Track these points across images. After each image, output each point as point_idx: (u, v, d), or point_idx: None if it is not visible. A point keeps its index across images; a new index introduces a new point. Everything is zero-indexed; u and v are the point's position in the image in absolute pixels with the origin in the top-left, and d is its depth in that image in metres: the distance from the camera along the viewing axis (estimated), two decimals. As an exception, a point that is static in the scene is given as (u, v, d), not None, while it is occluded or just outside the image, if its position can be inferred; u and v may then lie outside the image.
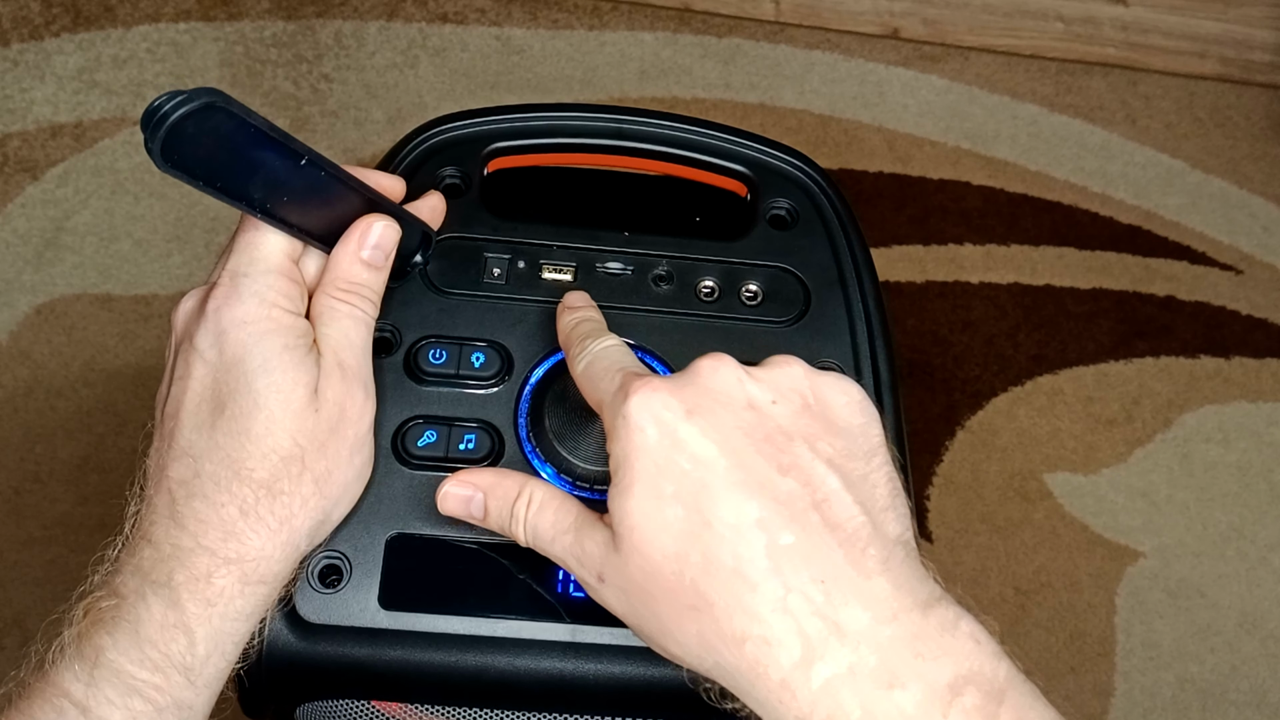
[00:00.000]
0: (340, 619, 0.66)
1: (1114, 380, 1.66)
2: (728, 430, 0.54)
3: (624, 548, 0.55)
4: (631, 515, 0.54)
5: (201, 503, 0.59)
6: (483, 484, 0.62)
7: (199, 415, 0.61)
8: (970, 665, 0.51)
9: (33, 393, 1.53)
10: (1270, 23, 1.88)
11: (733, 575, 0.52)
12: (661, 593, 0.54)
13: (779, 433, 0.55)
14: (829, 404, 0.57)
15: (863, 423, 0.57)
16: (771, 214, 0.79)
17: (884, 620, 0.51)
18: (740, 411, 0.55)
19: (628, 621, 0.57)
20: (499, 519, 0.62)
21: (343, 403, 0.63)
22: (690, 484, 0.54)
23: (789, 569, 0.52)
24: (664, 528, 0.54)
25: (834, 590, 0.52)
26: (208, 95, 0.53)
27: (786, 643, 0.51)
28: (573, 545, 0.58)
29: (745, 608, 0.52)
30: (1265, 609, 1.53)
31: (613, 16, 1.85)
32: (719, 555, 0.52)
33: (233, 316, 0.61)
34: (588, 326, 0.66)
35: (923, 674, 0.50)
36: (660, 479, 0.54)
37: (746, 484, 0.53)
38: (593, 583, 0.58)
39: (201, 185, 0.56)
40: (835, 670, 0.51)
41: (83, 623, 0.58)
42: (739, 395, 0.56)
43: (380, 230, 0.66)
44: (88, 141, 1.69)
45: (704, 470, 0.54)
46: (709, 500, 0.53)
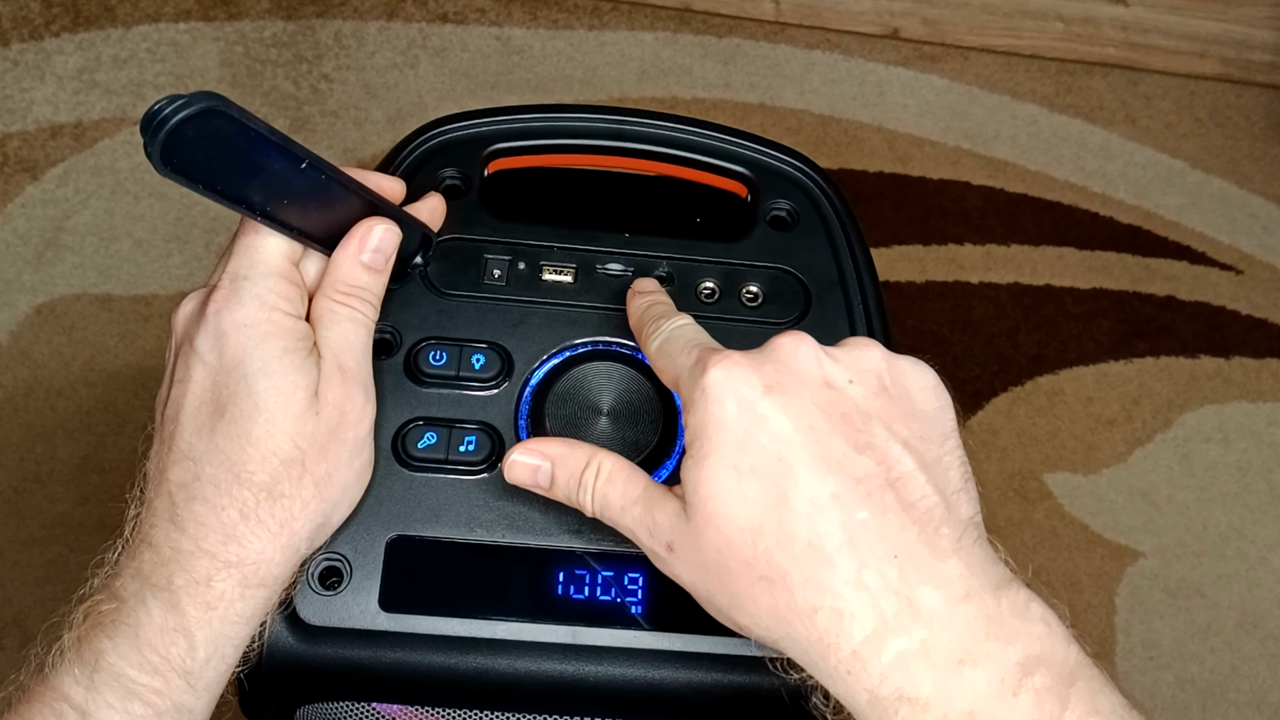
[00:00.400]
0: (340, 621, 0.66)
1: (1114, 380, 1.66)
2: (805, 407, 0.55)
3: (697, 518, 0.55)
4: (707, 485, 0.55)
5: (202, 506, 0.59)
6: (551, 453, 0.63)
7: (199, 418, 0.61)
8: (1042, 647, 0.52)
9: (33, 393, 1.53)
10: (1270, 23, 1.88)
11: (808, 549, 0.53)
12: (735, 564, 0.55)
13: (856, 412, 0.56)
14: (905, 387, 0.58)
15: (938, 406, 0.58)
16: (772, 215, 0.79)
17: (956, 599, 0.52)
18: (818, 390, 0.56)
19: (695, 592, 0.58)
20: (566, 489, 0.62)
21: (343, 406, 0.63)
22: (767, 458, 0.54)
23: (864, 544, 0.53)
24: (740, 500, 0.54)
25: (908, 567, 0.52)
26: (207, 99, 0.53)
27: (860, 616, 0.52)
28: (643, 515, 0.59)
29: (819, 581, 0.53)
30: (1265, 609, 1.53)
31: (613, 16, 1.85)
32: (795, 529, 0.53)
33: (233, 319, 0.61)
34: (660, 309, 0.67)
35: (994, 653, 0.51)
36: (738, 452, 0.55)
37: (823, 460, 0.54)
38: (661, 553, 0.58)
39: (201, 189, 0.56)
40: (908, 645, 0.51)
41: (82, 626, 0.58)
42: (817, 374, 0.57)
43: (380, 233, 0.66)
44: (88, 141, 1.69)
45: (781, 445, 0.54)
46: (786, 475, 0.54)
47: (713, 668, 0.66)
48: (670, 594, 0.63)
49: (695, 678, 0.66)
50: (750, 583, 0.54)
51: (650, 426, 0.70)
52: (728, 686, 0.66)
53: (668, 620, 0.67)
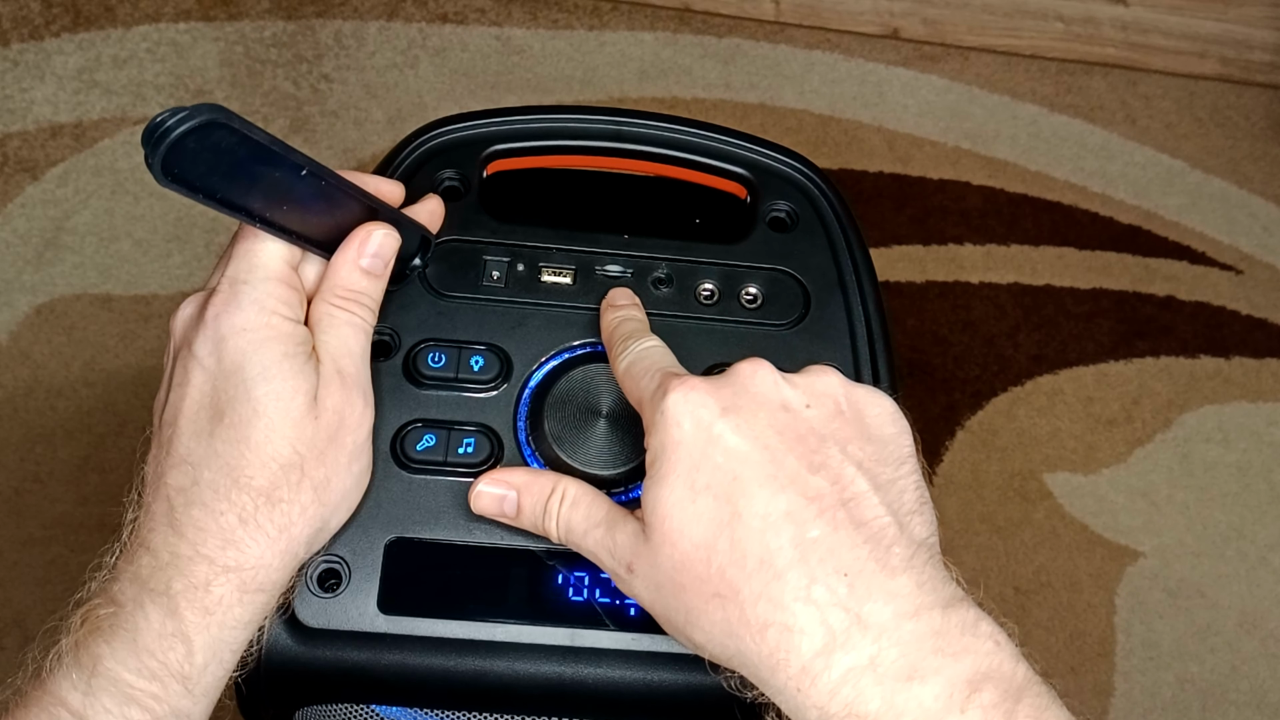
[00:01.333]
0: (339, 623, 0.66)
1: (1114, 380, 1.66)
2: (761, 428, 0.56)
3: (655, 537, 0.56)
4: (664, 504, 0.56)
5: (200, 510, 0.59)
6: (516, 482, 0.64)
7: (197, 423, 0.61)
8: (990, 664, 0.52)
9: (33, 393, 1.53)
10: (1270, 23, 1.88)
11: (759, 565, 0.53)
12: (689, 581, 0.55)
13: (811, 434, 0.57)
14: (862, 412, 0.59)
15: (894, 432, 0.59)
16: (771, 216, 0.79)
17: (906, 615, 0.52)
18: (775, 412, 0.57)
19: (654, 611, 0.59)
20: (532, 516, 0.64)
21: (342, 410, 0.63)
22: (722, 477, 0.55)
23: (814, 560, 0.53)
24: (695, 518, 0.55)
25: (858, 583, 0.53)
26: (209, 111, 0.53)
27: (809, 631, 0.52)
28: (604, 538, 0.60)
29: (770, 596, 0.53)
30: (1265, 609, 1.53)
31: (613, 16, 1.85)
32: (747, 545, 0.54)
33: (232, 324, 0.61)
34: (630, 326, 0.68)
35: (943, 669, 0.51)
36: (694, 472, 0.56)
37: (777, 479, 0.55)
38: (622, 574, 0.59)
39: (201, 198, 0.56)
40: (856, 661, 0.52)
41: (80, 631, 0.58)
42: (775, 397, 0.58)
43: (380, 239, 0.66)
44: (88, 141, 1.69)
45: (737, 464, 0.55)
46: (740, 492, 0.55)
47: (712, 670, 0.66)
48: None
49: (694, 680, 0.66)
50: (704, 599, 0.55)
51: (649, 428, 0.70)
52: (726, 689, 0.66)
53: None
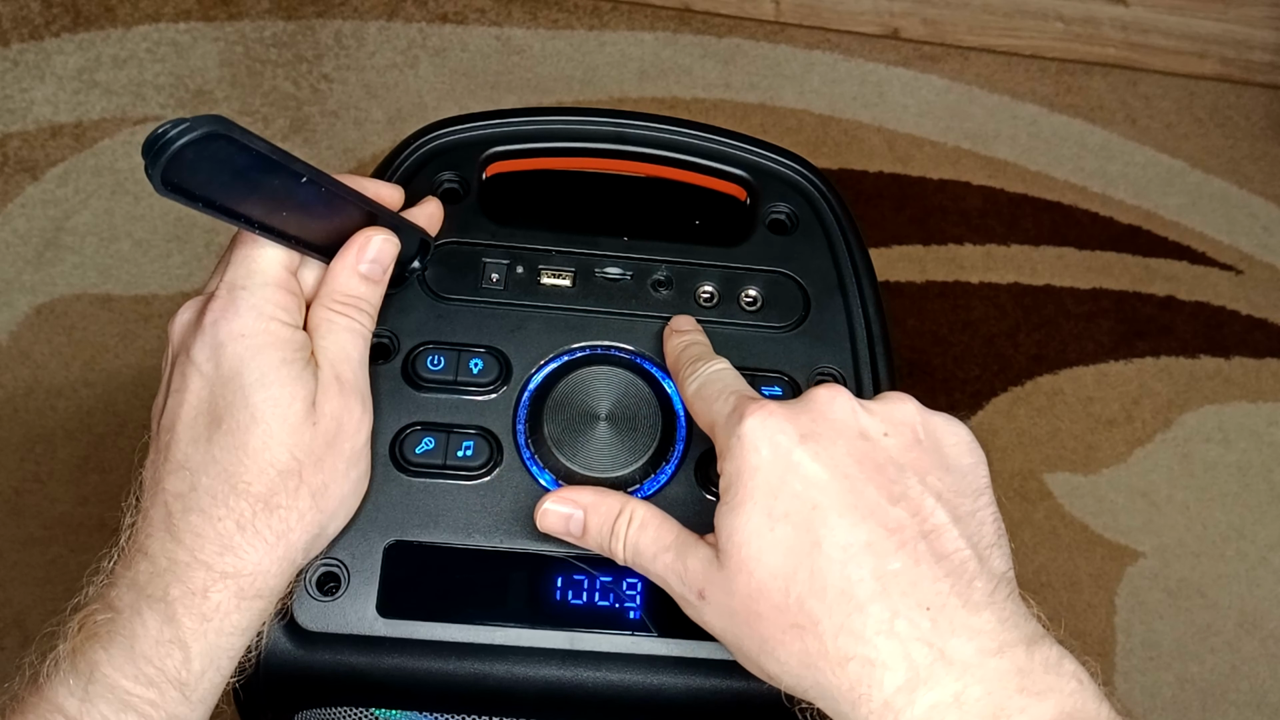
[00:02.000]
0: (338, 627, 0.66)
1: (1114, 380, 1.66)
2: (840, 457, 0.55)
3: (730, 564, 0.56)
4: (741, 532, 0.55)
5: (198, 517, 0.59)
6: (583, 501, 0.63)
7: (195, 428, 0.61)
8: (1074, 704, 0.52)
9: (33, 393, 1.53)
10: (1270, 23, 1.88)
11: (840, 596, 0.53)
12: (766, 610, 0.55)
13: (890, 463, 0.56)
14: (940, 441, 0.58)
15: (972, 463, 0.58)
16: (771, 219, 0.79)
17: (989, 653, 0.52)
18: (854, 440, 0.56)
19: (725, 639, 0.58)
20: (599, 537, 0.63)
21: (340, 416, 0.63)
22: (801, 505, 0.54)
23: (896, 594, 0.53)
24: (773, 546, 0.54)
25: (940, 619, 0.52)
26: (210, 123, 0.53)
27: (892, 665, 0.52)
28: (674, 562, 0.59)
29: (851, 629, 0.53)
30: (1265, 609, 1.53)
31: (613, 16, 1.85)
32: (827, 576, 0.53)
33: (230, 329, 0.61)
34: (697, 349, 0.68)
35: (1027, 709, 0.51)
36: (772, 499, 0.55)
37: (857, 509, 0.54)
38: (693, 600, 0.58)
39: (200, 207, 0.56)
40: (940, 698, 0.51)
41: (77, 637, 0.58)
42: (853, 424, 0.57)
43: (379, 244, 0.66)
44: (88, 141, 1.69)
45: (816, 493, 0.54)
46: (819, 522, 0.54)
47: (711, 673, 0.66)
48: (668, 599, 0.63)
49: (694, 683, 0.66)
50: (781, 629, 0.54)
51: (648, 431, 0.70)
52: (726, 692, 0.66)
53: (665, 626, 0.67)
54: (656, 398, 0.70)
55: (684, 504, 0.69)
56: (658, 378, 0.72)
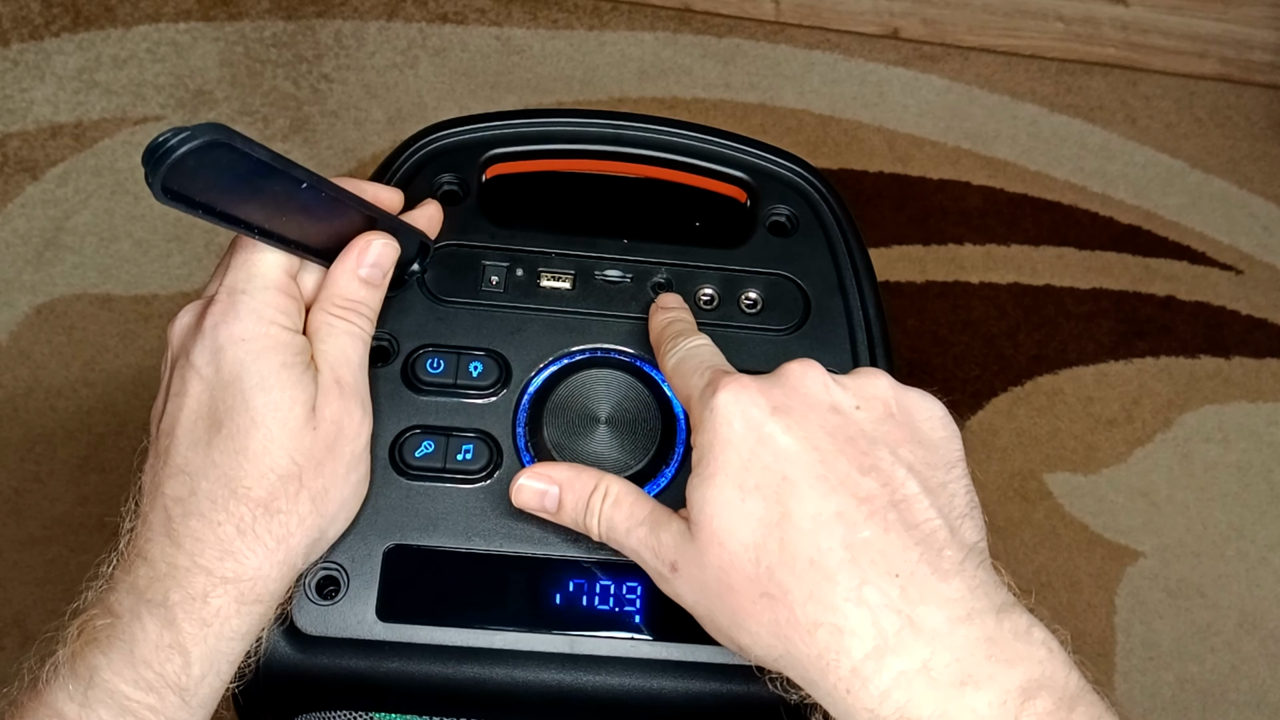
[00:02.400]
0: (338, 631, 0.66)
1: (1114, 380, 1.66)
2: (812, 429, 0.56)
3: (701, 536, 0.56)
4: (712, 504, 0.56)
5: (198, 521, 0.59)
6: (559, 478, 0.64)
7: (195, 433, 0.61)
8: (1043, 671, 0.52)
9: (33, 393, 1.53)
10: (1270, 23, 1.88)
11: (810, 565, 0.53)
12: (737, 581, 0.55)
13: (861, 436, 0.56)
14: (912, 415, 0.59)
15: (944, 436, 0.59)
16: (771, 220, 0.79)
17: (958, 620, 0.52)
18: (825, 413, 0.57)
19: (697, 612, 0.59)
20: (574, 512, 0.63)
21: (340, 420, 0.63)
22: (772, 477, 0.55)
23: (866, 562, 0.53)
24: (744, 517, 0.55)
25: (910, 586, 0.53)
26: (210, 132, 0.53)
27: (860, 633, 0.52)
28: (648, 536, 0.60)
29: (820, 597, 0.53)
30: (1265, 609, 1.53)
31: (613, 16, 1.85)
32: (797, 545, 0.54)
33: (230, 333, 0.61)
34: (679, 326, 0.68)
35: (996, 676, 0.51)
36: (743, 471, 0.55)
37: (827, 479, 0.55)
38: (666, 573, 0.59)
39: (200, 213, 0.56)
40: (909, 665, 0.52)
41: (77, 642, 0.58)
42: (825, 398, 0.58)
43: (378, 248, 0.66)
44: (88, 141, 1.69)
45: (787, 464, 0.55)
46: (790, 493, 0.54)
47: (711, 677, 0.66)
48: (668, 603, 0.63)
49: (694, 687, 0.66)
50: (752, 600, 0.55)
51: (648, 434, 0.70)
52: (726, 696, 0.66)
53: (666, 629, 0.67)
54: (656, 401, 0.70)
55: (684, 507, 0.69)
56: (658, 381, 0.72)
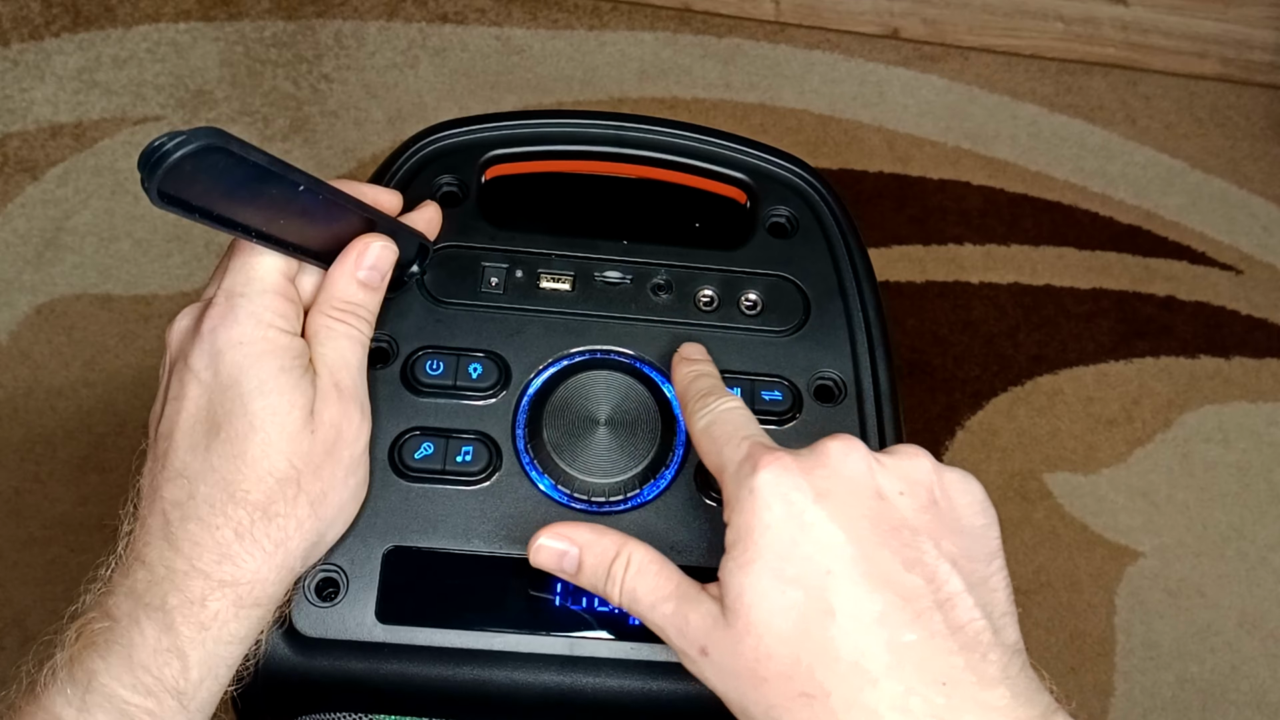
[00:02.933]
0: (337, 633, 0.66)
1: (1114, 380, 1.66)
2: (855, 518, 0.54)
3: (737, 625, 0.54)
4: (750, 592, 0.54)
5: (196, 525, 0.59)
6: (579, 540, 0.61)
7: (193, 436, 0.61)
8: None
9: (33, 393, 1.53)
10: (1270, 23, 1.87)
11: (852, 668, 0.51)
12: (773, 676, 0.53)
13: (905, 526, 0.54)
14: (954, 501, 0.57)
15: (984, 524, 0.57)
16: (771, 222, 0.79)
17: None
18: (868, 499, 0.55)
19: (727, 699, 0.56)
20: (593, 578, 0.60)
21: (339, 424, 0.63)
22: (814, 570, 0.53)
23: (910, 668, 0.51)
24: (784, 610, 0.53)
25: (955, 695, 0.51)
26: (207, 136, 0.53)
27: None
28: (673, 615, 0.57)
29: (863, 703, 0.51)
30: (1265, 609, 1.53)
31: (613, 16, 1.85)
32: (839, 646, 0.52)
33: (229, 337, 0.61)
34: (707, 382, 0.65)
35: None
36: (783, 561, 0.53)
37: (871, 576, 0.53)
38: (694, 655, 0.56)
39: (197, 217, 0.56)
40: None
41: (75, 646, 0.58)
42: (868, 483, 0.55)
43: (377, 251, 0.66)
44: (88, 141, 1.69)
45: (829, 557, 0.53)
46: (833, 587, 0.52)
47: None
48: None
49: (693, 690, 0.66)
50: (789, 697, 0.53)
51: (648, 436, 0.70)
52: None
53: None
54: (656, 403, 0.70)
55: (683, 510, 0.69)
56: (657, 382, 0.71)
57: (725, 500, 0.57)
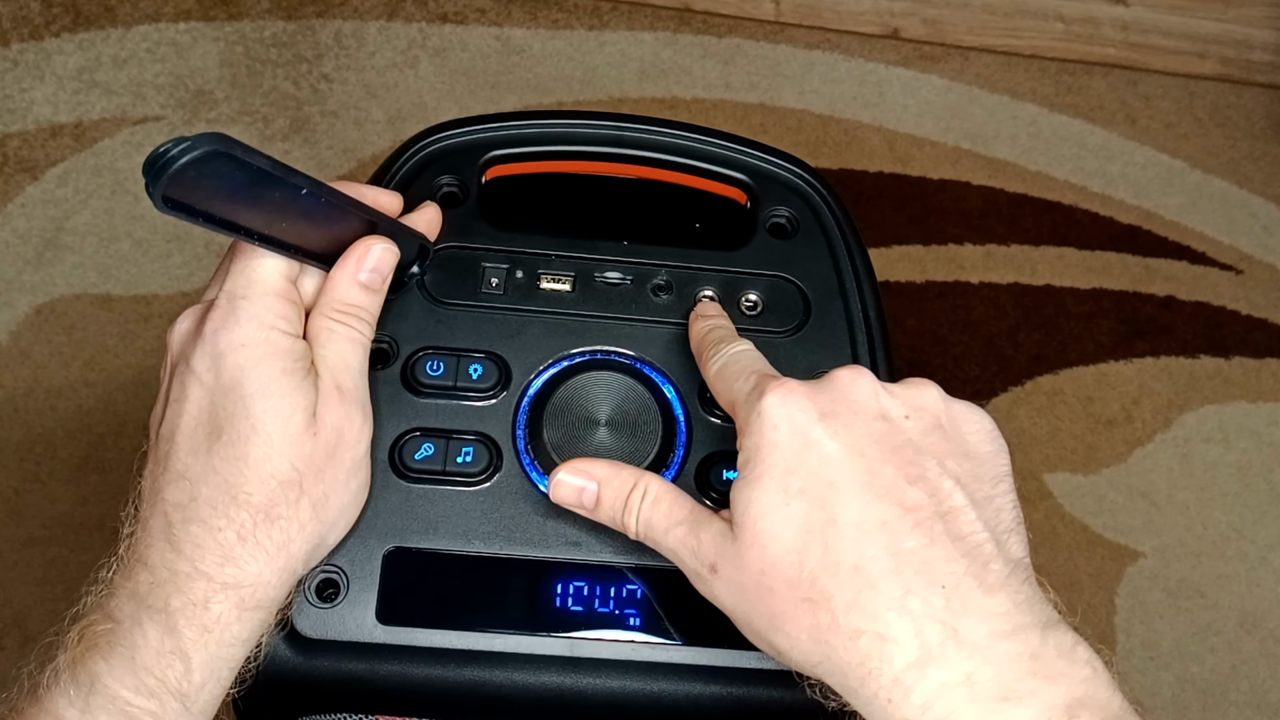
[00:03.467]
0: (337, 634, 0.66)
1: (1114, 380, 1.66)
2: (859, 436, 0.56)
3: (744, 538, 0.56)
4: (756, 505, 0.56)
5: (198, 527, 0.59)
6: (598, 474, 0.63)
7: (195, 439, 0.61)
8: (1086, 690, 0.52)
9: (33, 393, 1.53)
10: (1270, 23, 1.87)
11: (853, 572, 0.53)
12: (778, 584, 0.55)
13: (909, 445, 0.56)
14: (961, 427, 0.58)
15: (992, 450, 0.58)
16: (771, 222, 0.79)
17: (1002, 635, 0.52)
18: (873, 421, 0.57)
19: (734, 615, 0.58)
20: (611, 510, 0.63)
21: (341, 426, 0.63)
22: (817, 482, 0.55)
23: (910, 572, 0.53)
24: (788, 521, 0.55)
25: (954, 598, 0.52)
26: (211, 142, 0.53)
27: (903, 642, 0.52)
28: (686, 536, 0.59)
29: (863, 604, 0.53)
30: (1265, 609, 1.53)
31: (613, 16, 1.85)
32: (840, 551, 0.53)
33: (230, 340, 0.61)
34: (720, 333, 0.68)
35: (1038, 692, 0.51)
36: (789, 475, 0.55)
37: (873, 487, 0.54)
38: (705, 574, 0.58)
39: (201, 222, 0.56)
40: (951, 677, 0.51)
41: (77, 648, 0.58)
42: (873, 406, 0.57)
43: (378, 253, 0.66)
44: (88, 141, 1.69)
45: (832, 470, 0.55)
46: (835, 498, 0.54)
47: (711, 681, 0.66)
48: (668, 606, 0.63)
49: (694, 690, 0.66)
50: (793, 604, 0.54)
51: (649, 437, 0.70)
52: (726, 699, 0.66)
53: (666, 633, 0.67)
54: (657, 403, 0.70)
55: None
56: (658, 383, 0.72)
57: (738, 429, 0.59)
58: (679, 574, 0.61)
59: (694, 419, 0.71)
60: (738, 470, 0.58)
